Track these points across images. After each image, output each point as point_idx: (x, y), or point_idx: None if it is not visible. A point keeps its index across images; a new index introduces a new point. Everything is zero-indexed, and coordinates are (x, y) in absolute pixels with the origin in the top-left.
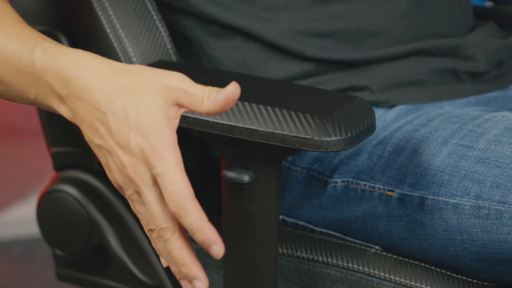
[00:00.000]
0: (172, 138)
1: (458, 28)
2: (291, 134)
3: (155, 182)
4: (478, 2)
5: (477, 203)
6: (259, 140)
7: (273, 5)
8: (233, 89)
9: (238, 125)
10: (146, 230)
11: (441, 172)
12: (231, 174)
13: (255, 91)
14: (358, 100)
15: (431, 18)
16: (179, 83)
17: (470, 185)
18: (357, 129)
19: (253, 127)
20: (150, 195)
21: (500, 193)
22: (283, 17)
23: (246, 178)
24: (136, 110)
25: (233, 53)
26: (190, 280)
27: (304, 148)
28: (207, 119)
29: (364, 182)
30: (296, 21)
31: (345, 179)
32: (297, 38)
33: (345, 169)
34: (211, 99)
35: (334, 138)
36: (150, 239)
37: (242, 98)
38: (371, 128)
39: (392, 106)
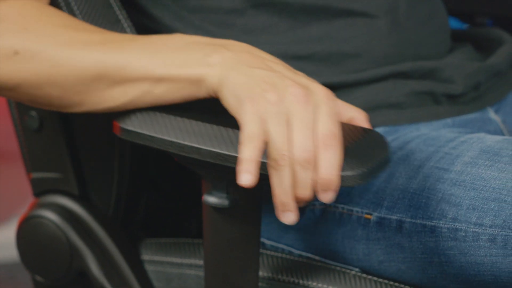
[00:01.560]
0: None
1: (437, 50)
2: None
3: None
4: (456, 24)
5: (454, 225)
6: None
7: (253, 28)
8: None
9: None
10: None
11: (418, 195)
12: (211, 199)
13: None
14: (372, 132)
15: (410, 41)
16: None
17: (447, 208)
18: (372, 163)
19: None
20: (310, 118)
21: (477, 216)
22: (263, 40)
23: (226, 202)
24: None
25: None
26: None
27: None
28: (189, 143)
29: (342, 205)
30: (276, 44)
31: (323, 203)
32: None
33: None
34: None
35: (348, 174)
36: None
37: (227, 124)
38: (385, 161)
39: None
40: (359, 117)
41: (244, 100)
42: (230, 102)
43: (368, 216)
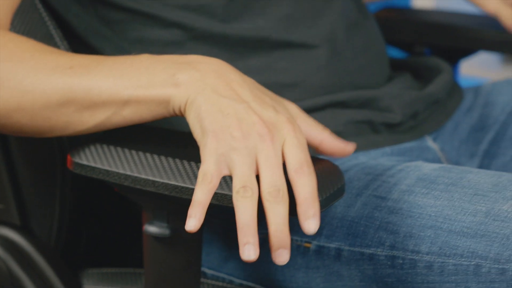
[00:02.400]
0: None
1: (375, 79)
2: None
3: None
4: (395, 53)
5: (391, 253)
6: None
7: None
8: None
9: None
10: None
11: (356, 223)
12: (152, 229)
13: (192, 149)
14: (327, 162)
15: (348, 70)
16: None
17: (385, 236)
18: (327, 192)
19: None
20: (276, 155)
21: (414, 243)
22: None
23: (167, 232)
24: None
25: None
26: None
27: None
28: (130, 173)
29: None
30: None
31: (263, 231)
32: None
33: (263, 222)
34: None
35: None
36: (266, 200)
37: (182, 156)
38: (341, 191)
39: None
40: (328, 139)
41: (208, 133)
42: (194, 130)
43: (308, 245)
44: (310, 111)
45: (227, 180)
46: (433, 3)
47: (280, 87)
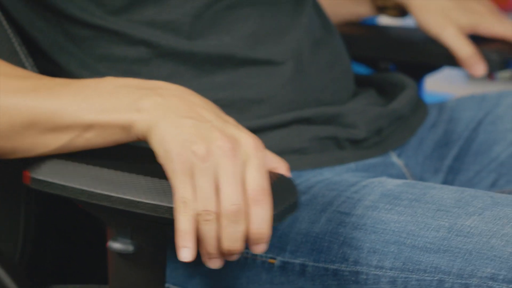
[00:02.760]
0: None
1: (340, 95)
2: None
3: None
4: (361, 70)
5: (355, 268)
6: (155, 214)
7: (158, 77)
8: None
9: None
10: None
11: (321, 239)
12: (116, 245)
13: (148, 164)
14: (281, 177)
15: (314, 86)
16: None
17: (349, 251)
18: (281, 207)
19: (146, 200)
20: (238, 172)
21: (377, 258)
22: None
23: (131, 248)
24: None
25: None
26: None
27: None
28: (86, 188)
29: (246, 250)
30: None
31: None
32: None
33: None
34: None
35: None
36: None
37: (139, 171)
38: (294, 206)
39: None
40: (282, 168)
41: (173, 156)
42: (159, 154)
43: (272, 261)
44: (275, 127)
45: None
46: (398, 20)
47: (246, 103)
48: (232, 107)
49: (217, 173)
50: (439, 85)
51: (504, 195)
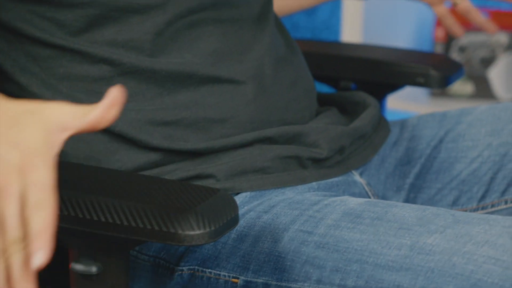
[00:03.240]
0: (51, 161)
1: (302, 115)
2: (154, 228)
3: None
4: (323, 89)
5: (318, 287)
6: (117, 234)
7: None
8: (116, 92)
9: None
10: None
11: (283, 258)
12: (79, 267)
13: (110, 185)
14: (221, 193)
15: (276, 106)
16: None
17: (311, 270)
18: (220, 222)
19: (109, 221)
20: (14, 205)
21: (340, 277)
22: (130, 107)
23: (94, 269)
24: (17, 131)
25: (80, 145)
26: None
27: (169, 242)
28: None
29: (209, 270)
30: (143, 110)
31: (191, 267)
32: (144, 128)
33: (191, 257)
34: (96, 107)
35: (197, 232)
36: None
37: (99, 192)
38: (234, 220)
39: (237, 193)
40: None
41: None
42: None
43: (235, 280)
44: (238, 146)
45: None
46: (360, 37)
47: (208, 122)
48: (195, 126)
49: None
50: (400, 102)
51: (465, 213)
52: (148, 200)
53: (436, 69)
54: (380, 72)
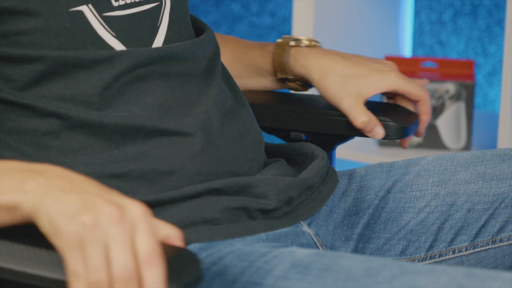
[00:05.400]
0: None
1: (250, 166)
2: None
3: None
4: (272, 140)
5: None
6: None
7: (69, 149)
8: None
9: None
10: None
11: None
12: None
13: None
14: (184, 251)
15: (224, 157)
16: None
17: None
18: (184, 280)
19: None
20: (127, 237)
21: None
22: (79, 160)
23: None
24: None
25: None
26: None
27: None
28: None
29: None
30: (92, 164)
31: None
32: None
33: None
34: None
35: None
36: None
37: (40, 245)
38: (198, 279)
39: (185, 245)
40: (173, 235)
41: (61, 230)
42: (46, 230)
43: None
44: (187, 198)
45: None
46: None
47: (157, 175)
48: (143, 178)
49: (107, 241)
50: (350, 152)
51: (413, 263)
52: None
53: (394, 120)
54: (331, 124)
